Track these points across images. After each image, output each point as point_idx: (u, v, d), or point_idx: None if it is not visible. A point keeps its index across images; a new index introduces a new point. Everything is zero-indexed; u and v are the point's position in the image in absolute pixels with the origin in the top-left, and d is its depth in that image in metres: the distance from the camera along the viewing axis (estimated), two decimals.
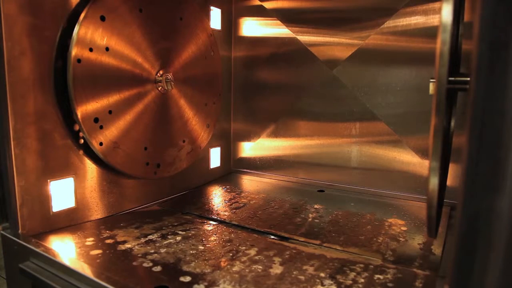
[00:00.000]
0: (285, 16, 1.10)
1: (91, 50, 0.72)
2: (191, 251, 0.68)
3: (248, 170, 1.22)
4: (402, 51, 0.95)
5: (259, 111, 1.19)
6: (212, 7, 1.10)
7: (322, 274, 0.61)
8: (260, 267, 0.63)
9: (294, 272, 0.61)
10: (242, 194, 1.01)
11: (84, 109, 0.72)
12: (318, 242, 0.73)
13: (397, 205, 0.94)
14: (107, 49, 0.75)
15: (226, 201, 0.96)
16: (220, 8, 1.13)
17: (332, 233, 0.77)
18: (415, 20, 0.92)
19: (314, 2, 1.06)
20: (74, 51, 0.69)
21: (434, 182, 0.39)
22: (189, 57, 0.97)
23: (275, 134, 1.16)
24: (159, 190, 0.97)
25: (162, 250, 0.68)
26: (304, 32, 1.08)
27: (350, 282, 0.59)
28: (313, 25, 1.06)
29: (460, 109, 0.70)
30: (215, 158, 1.18)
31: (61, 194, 0.74)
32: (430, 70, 0.90)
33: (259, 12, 1.14)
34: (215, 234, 0.76)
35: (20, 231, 0.68)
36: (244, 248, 0.70)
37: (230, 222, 0.82)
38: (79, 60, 0.70)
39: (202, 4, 1.05)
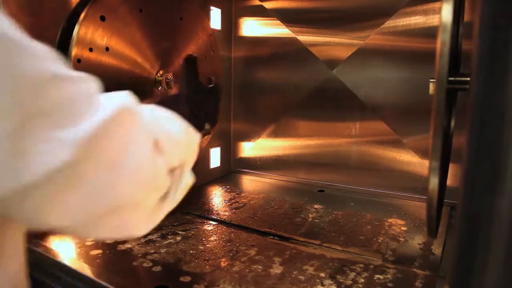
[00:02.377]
0: (285, 16, 1.10)
1: (91, 50, 0.72)
2: (191, 251, 0.68)
3: (248, 170, 1.22)
4: (402, 51, 0.94)
5: (259, 111, 1.19)
6: (212, 7, 1.10)
7: (322, 274, 0.61)
8: (260, 267, 0.63)
9: (294, 272, 0.61)
10: (242, 194, 1.01)
11: None
12: (318, 242, 0.73)
13: (397, 205, 0.94)
14: (107, 49, 0.75)
15: (226, 201, 0.96)
16: (220, 8, 1.13)
17: (332, 233, 0.77)
18: (415, 20, 0.92)
19: (314, 2, 1.06)
20: (74, 51, 0.69)
21: (434, 182, 0.39)
22: None
23: (275, 134, 1.16)
24: None
25: (162, 250, 0.68)
26: (304, 32, 1.08)
27: (350, 282, 0.59)
28: (313, 25, 1.06)
29: (460, 109, 0.70)
30: (215, 158, 1.17)
31: None
32: (430, 70, 0.90)
33: (259, 12, 1.14)
34: (215, 234, 0.76)
35: None
36: (244, 248, 0.70)
37: (230, 222, 0.82)
38: (79, 60, 0.70)
39: (202, 4, 1.05)
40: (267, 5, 1.13)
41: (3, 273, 0.34)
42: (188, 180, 0.46)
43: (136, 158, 0.34)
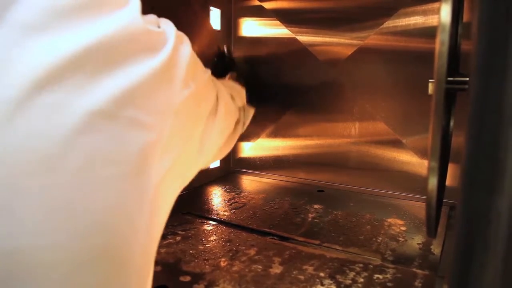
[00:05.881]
0: (285, 16, 1.10)
1: None
2: (190, 251, 0.68)
3: (247, 170, 1.22)
4: (402, 51, 0.95)
5: (259, 111, 1.19)
6: (211, 7, 1.10)
7: (322, 274, 0.61)
8: (260, 267, 0.63)
9: (294, 272, 0.61)
10: (242, 194, 1.02)
11: None
12: (317, 242, 0.73)
13: (397, 205, 0.94)
14: None
15: (226, 201, 0.96)
16: (219, 9, 1.13)
17: (332, 233, 0.77)
18: (415, 20, 0.92)
19: (313, 2, 1.06)
20: None
21: (433, 182, 0.39)
22: None
23: (275, 134, 1.16)
24: None
25: (162, 250, 0.68)
26: (303, 32, 1.08)
27: (350, 281, 0.59)
28: (312, 25, 1.06)
29: (460, 109, 0.70)
30: None
31: None
32: (429, 70, 0.90)
33: (259, 12, 1.14)
34: (215, 234, 0.76)
35: None
36: (243, 248, 0.70)
37: (229, 222, 0.82)
38: None
39: (202, 4, 1.05)
40: (267, 5, 1.13)
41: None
42: (250, 110, 0.75)
43: (231, 104, 0.58)
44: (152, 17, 0.36)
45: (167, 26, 0.37)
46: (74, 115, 0.26)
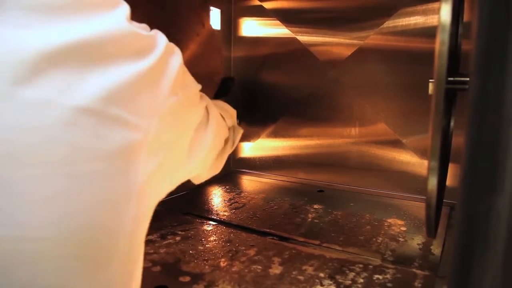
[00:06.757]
0: (285, 16, 1.10)
1: None
2: (190, 251, 0.68)
3: (247, 170, 1.22)
4: (402, 51, 0.95)
5: (259, 111, 1.19)
6: (211, 7, 1.10)
7: (322, 274, 0.61)
8: (260, 267, 0.63)
9: (294, 272, 0.61)
10: (242, 194, 1.02)
11: None
12: (317, 242, 0.73)
13: (397, 205, 0.94)
14: None
15: (226, 201, 0.96)
16: (219, 9, 1.13)
17: (332, 233, 0.77)
18: (415, 20, 0.92)
19: (313, 2, 1.06)
20: None
21: (433, 182, 0.39)
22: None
23: (275, 134, 1.16)
24: None
25: (162, 250, 0.68)
26: (303, 32, 1.08)
27: (349, 282, 0.59)
28: (312, 25, 1.06)
29: (460, 109, 0.70)
30: None
31: None
32: (429, 70, 0.90)
33: (259, 12, 1.14)
34: (215, 234, 0.76)
35: None
36: (243, 248, 0.70)
37: (229, 222, 0.82)
38: None
39: (201, 4, 1.05)
40: (267, 5, 1.13)
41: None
42: (239, 130, 0.70)
43: (222, 122, 0.58)
44: (143, 25, 0.37)
45: (158, 32, 0.38)
46: (58, 110, 0.27)
